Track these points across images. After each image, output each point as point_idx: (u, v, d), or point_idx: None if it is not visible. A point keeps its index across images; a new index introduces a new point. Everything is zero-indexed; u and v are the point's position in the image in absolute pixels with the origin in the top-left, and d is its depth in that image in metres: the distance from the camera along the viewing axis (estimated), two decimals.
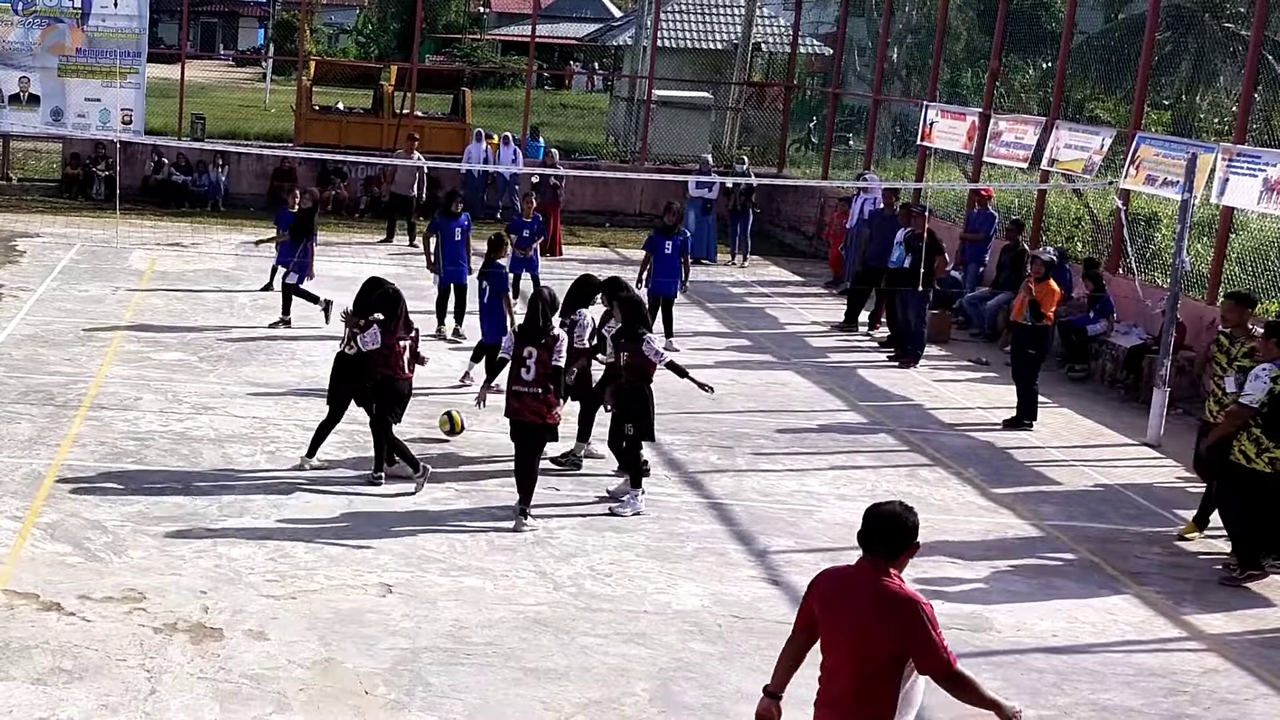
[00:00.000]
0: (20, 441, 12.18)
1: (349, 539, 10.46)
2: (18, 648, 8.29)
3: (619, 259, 24.46)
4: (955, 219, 23.16)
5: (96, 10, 26.84)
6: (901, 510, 5.65)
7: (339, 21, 76.73)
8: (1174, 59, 23.44)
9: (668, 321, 17.56)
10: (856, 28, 32.24)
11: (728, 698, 8.36)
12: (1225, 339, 11.91)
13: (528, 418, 10.86)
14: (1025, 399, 15.22)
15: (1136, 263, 18.26)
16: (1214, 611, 10.34)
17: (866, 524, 5.68)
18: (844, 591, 5.69)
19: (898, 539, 5.63)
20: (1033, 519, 12.17)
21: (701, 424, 14.35)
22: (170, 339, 16.31)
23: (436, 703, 8.03)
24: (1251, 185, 16.08)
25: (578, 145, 34.30)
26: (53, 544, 9.95)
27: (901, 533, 5.63)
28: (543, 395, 10.83)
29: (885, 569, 5.63)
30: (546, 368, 10.81)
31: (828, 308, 21.44)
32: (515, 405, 10.93)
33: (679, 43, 42.06)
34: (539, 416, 10.87)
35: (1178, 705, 8.81)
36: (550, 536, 10.79)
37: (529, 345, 10.85)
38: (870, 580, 5.63)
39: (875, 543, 5.65)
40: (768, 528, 11.37)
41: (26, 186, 27.64)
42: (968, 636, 9.53)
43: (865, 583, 5.63)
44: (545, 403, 10.85)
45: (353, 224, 26.18)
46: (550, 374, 10.84)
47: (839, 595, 5.70)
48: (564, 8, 67.92)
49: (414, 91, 29.36)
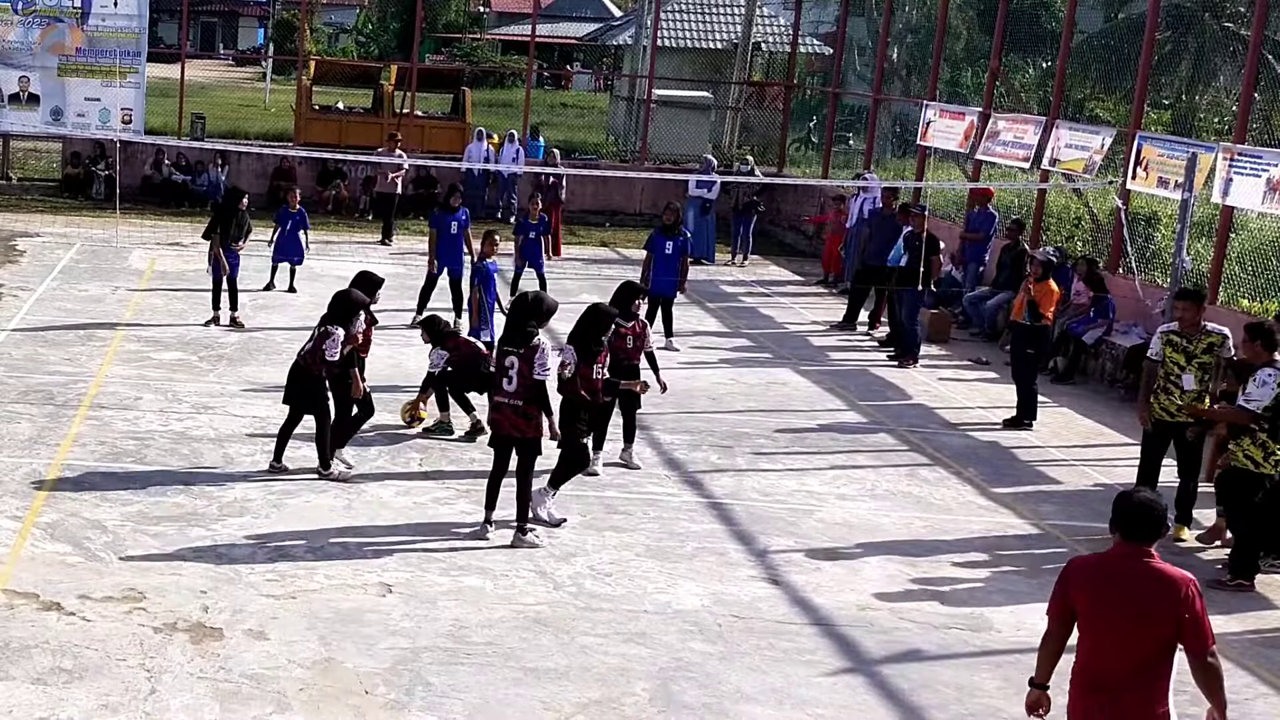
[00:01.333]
0: (20, 441, 12.18)
1: (349, 539, 10.46)
2: (18, 648, 8.29)
3: (619, 259, 24.47)
4: (955, 219, 23.15)
5: (96, 10, 26.84)
6: (1153, 495, 6.11)
7: (339, 21, 76.71)
8: (1174, 59, 23.43)
9: (667, 322, 17.57)
10: (856, 27, 32.21)
11: (728, 698, 8.36)
12: (1178, 337, 11.82)
13: (506, 430, 10.53)
14: (1025, 399, 15.22)
15: (1136, 263, 18.25)
16: (1214, 612, 10.26)
17: (1127, 511, 6.00)
18: (1112, 578, 5.97)
19: (1158, 522, 5.98)
20: (1033, 519, 12.18)
21: (701, 424, 14.35)
22: (170, 339, 16.31)
23: (436, 703, 8.03)
24: (1255, 185, 16.07)
25: (578, 145, 34.29)
26: (53, 544, 9.95)
27: (1160, 515, 5.99)
28: (522, 408, 10.41)
29: (1148, 551, 5.95)
30: (526, 379, 10.37)
31: (828, 307, 21.44)
32: (495, 417, 10.61)
33: (679, 42, 42.07)
34: (517, 430, 10.47)
35: (1178, 705, 8.74)
36: (550, 536, 10.78)
37: (510, 354, 10.48)
38: (1138, 564, 5.93)
39: (1138, 528, 5.96)
40: (768, 527, 11.37)
41: (26, 186, 27.64)
42: (968, 636, 9.54)
43: (1133, 567, 5.94)
44: (524, 415, 10.44)
45: (353, 224, 26.17)
46: (532, 386, 10.40)
47: (1107, 582, 5.97)
48: (564, 7, 67.90)
49: (414, 91, 29.36)
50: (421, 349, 16.63)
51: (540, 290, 12.78)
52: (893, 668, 8.97)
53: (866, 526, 11.64)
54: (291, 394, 11.84)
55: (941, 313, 19.72)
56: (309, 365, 11.69)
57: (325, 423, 11.77)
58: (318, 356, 11.62)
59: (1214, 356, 11.72)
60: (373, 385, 14.77)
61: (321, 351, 11.59)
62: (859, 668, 8.94)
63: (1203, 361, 11.67)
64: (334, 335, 11.59)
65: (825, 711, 8.30)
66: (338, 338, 11.59)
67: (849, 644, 9.27)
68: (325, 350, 11.57)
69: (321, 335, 11.65)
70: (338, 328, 11.64)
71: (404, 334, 17.44)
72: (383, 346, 16.71)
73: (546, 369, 10.45)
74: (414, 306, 18.04)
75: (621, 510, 11.56)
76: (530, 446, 10.56)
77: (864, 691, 8.62)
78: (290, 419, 11.89)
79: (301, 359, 11.78)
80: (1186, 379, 11.63)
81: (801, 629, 9.45)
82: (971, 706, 8.52)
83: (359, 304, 11.96)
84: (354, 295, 12.03)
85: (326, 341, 11.58)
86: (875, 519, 11.84)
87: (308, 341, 11.84)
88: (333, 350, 11.56)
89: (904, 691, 8.65)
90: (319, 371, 11.67)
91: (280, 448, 11.86)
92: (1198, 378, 11.65)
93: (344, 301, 11.84)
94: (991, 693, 8.72)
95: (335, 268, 21.46)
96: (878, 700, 8.52)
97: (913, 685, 8.74)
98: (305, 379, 11.74)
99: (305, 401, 11.76)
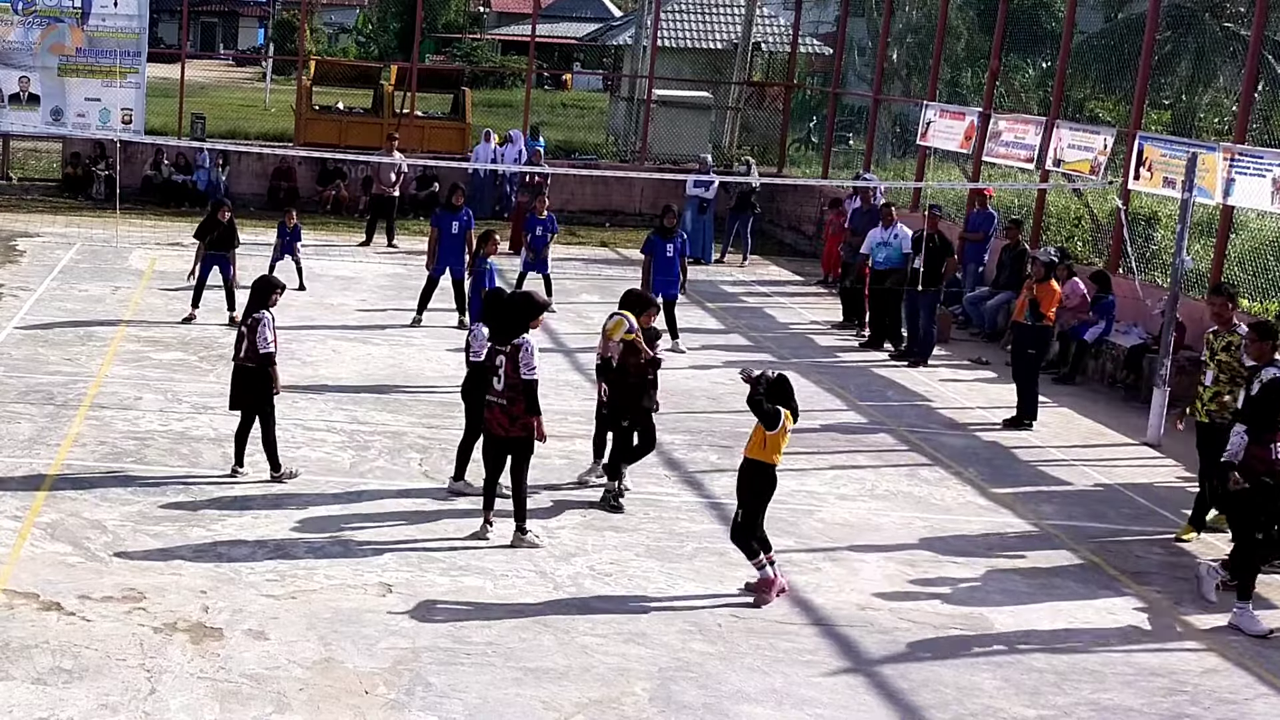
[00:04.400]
0: (20, 441, 12.18)
1: (349, 539, 10.46)
2: (18, 648, 8.29)
3: (619, 258, 24.47)
4: (955, 219, 23.15)
5: (96, 10, 26.82)
6: None
7: (339, 21, 76.76)
8: (1174, 59, 23.43)
9: (671, 323, 17.56)
10: (856, 28, 32.23)
11: (728, 698, 8.36)
12: (1210, 334, 11.90)
13: (495, 430, 10.51)
14: (1025, 399, 15.22)
15: (1136, 263, 18.25)
16: (1214, 611, 10.34)
17: None
18: None
19: None
20: (1033, 519, 12.17)
21: (701, 424, 14.35)
22: (170, 339, 16.31)
23: (436, 703, 8.03)
24: (1261, 186, 16.06)
25: (578, 145, 34.29)
26: (53, 544, 9.95)
27: None
28: (508, 407, 10.40)
29: None
30: (512, 378, 10.37)
31: (827, 307, 21.43)
32: (485, 415, 10.62)
33: (679, 42, 42.07)
34: (503, 429, 10.45)
35: (1178, 705, 8.81)
36: (550, 536, 10.79)
37: (499, 353, 10.51)
38: None
39: None
40: (768, 527, 11.33)
41: (26, 186, 27.62)
42: (968, 636, 9.54)
43: None
44: (510, 415, 10.41)
45: (353, 224, 26.15)
46: (518, 385, 10.37)
47: None
48: (564, 8, 67.91)
49: (414, 91, 29.35)
50: (422, 349, 16.68)
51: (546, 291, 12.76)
52: (893, 668, 8.97)
53: (866, 526, 11.64)
54: (237, 398, 11.66)
55: (942, 313, 19.71)
56: (245, 362, 11.53)
57: (271, 423, 11.62)
58: (254, 350, 11.47)
59: (1233, 357, 11.65)
60: (373, 385, 14.84)
61: (255, 344, 11.46)
62: (859, 668, 8.94)
63: (1221, 360, 11.65)
64: (263, 320, 11.50)
65: (825, 711, 8.30)
66: (267, 321, 11.50)
67: (849, 644, 9.27)
68: (258, 341, 11.45)
69: (252, 325, 11.50)
70: (263, 311, 11.54)
71: (404, 334, 17.46)
72: (382, 346, 16.75)
73: (533, 369, 10.44)
74: (414, 306, 18.05)
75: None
76: (520, 446, 10.51)
77: (864, 691, 8.62)
78: (243, 422, 11.73)
79: (239, 359, 11.63)
80: (1208, 375, 11.65)
81: (801, 629, 9.45)
82: (971, 706, 8.52)
83: (277, 286, 11.91)
84: (272, 279, 12.07)
85: (258, 330, 11.46)
86: (875, 519, 11.84)
87: (239, 341, 11.66)
88: (264, 336, 11.43)
89: (904, 691, 8.65)
90: (256, 365, 11.50)
91: (239, 451, 11.72)
92: (1215, 375, 11.64)
93: (263, 286, 11.78)
94: (991, 693, 8.72)
95: (334, 268, 21.48)
96: (878, 700, 8.53)
97: (913, 685, 8.74)
98: (247, 379, 11.58)
99: (253, 403, 11.59)
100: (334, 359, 15.96)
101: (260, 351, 11.48)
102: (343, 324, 17.82)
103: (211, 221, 17.46)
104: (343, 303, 19.10)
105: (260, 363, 11.52)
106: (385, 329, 17.71)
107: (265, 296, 11.70)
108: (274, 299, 11.79)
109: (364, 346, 16.68)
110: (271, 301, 11.73)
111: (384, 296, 19.67)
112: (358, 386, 14.80)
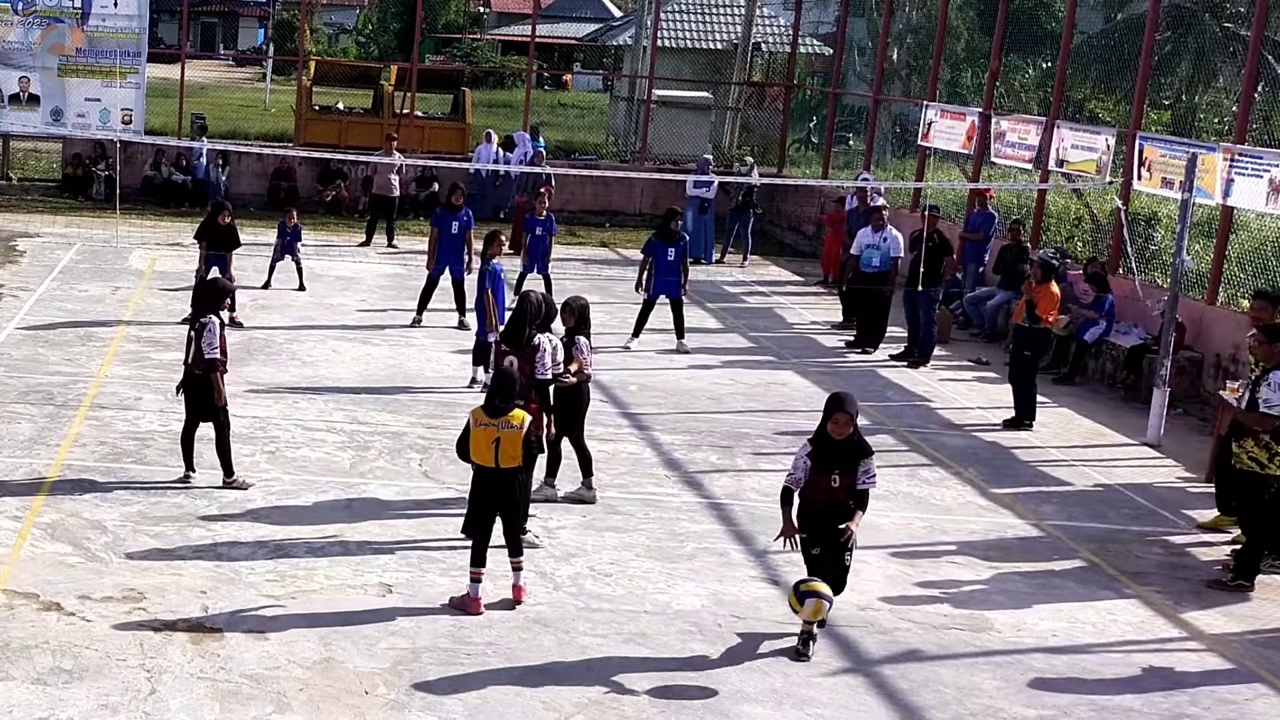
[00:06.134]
0: (20, 441, 12.18)
1: (349, 539, 10.46)
2: (18, 648, 8.29)
3: (619, 259, 24.47)
4: (955, 219, 23.15)
5: (96, 10, 26.82)
6: None
7: (339, 21, 76.74)
8: (1174, 59, 23.42)
9: (678, 323, 17.56)
10: (856, 28, 32.20)
11: (728, 698, 8.36)
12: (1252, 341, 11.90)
13: None
14: (1023, 400, 15.20)
15: (1136, 263, 18.25)
16: (1214, 611, 10.34)
17: None
18: None
19: None
20: (1033, 519, 12.17)
21: (701, 424, 14.35)
22: (170, 339, 16.30)
23: (436, 703, 8.03)
24: (1258, 186, 16.06)
25: (578, 145, 34.28)
26: (53, 544, 9.95)
27: None
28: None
29: None
30: (529, 379, 10.39)
31: (827, 307, 21.42)
32: None
33: (679, 43, 42.05)
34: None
35: (1178, 705, 8.81)
36: (550, 537, 10.78)
37: (511, 353, 10.53)
38: None
39: None
40: (768, 528, 11.32)
41: (26, 186, 27.61)
42: (968, 637, 9.54)
43: None
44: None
45: (353, 224, 26.14)
46: (533, 386, 10.39)
47: None
48: (564, 8, 67.89)
49: (414, 91, 29.34)
50: (422, 349, 16.69)
51: (545, 291, 12.76)
52: (893, 668, 8.97)
53: (867, 526, 11.58)
54: (190, 404, 11.44)
55: (942, 313, 19.71)
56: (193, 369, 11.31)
57: (225, 430, 11.45)
58: (199, 355, 11.23)
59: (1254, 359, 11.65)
60: (373, 386, 14.85)
61: (201, 350, 11.22)
62: (859, 668, 8.95)
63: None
64: (209, 325, 11.25)
65: (825, 711, 8.30)
66: (213, 326, 11.25)
67: (849, 644, 9.27)
68: (204, 346, 11.20)
69: (199, 330, 11.26)
70: (209, 316, 11.31)
71: (404, 334, 17.46)
72: (382, 347, 16.75)
73: (547, 369, 10.44)
74: (414, 307, 18.04)
75: (621, 510, 11.56)
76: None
77: (864, 691, 8.62)
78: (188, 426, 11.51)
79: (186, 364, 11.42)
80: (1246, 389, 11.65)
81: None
82: (971, 706, 8.52)
83: (225, 291, 11.82)
84: (219, 283, 11.98)
85: (204, 335, 11.21)
86: (875, 519, 11.81)
87: (188, 346, 11.44)
88: (210, 340, 11.18)
89: (904, 691, 8.66)
90: (201, 370, 11.25)
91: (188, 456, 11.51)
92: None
93: (211, 290, 11.63)
94: (991, 693, 8.72)
95: (334, 268, 21.49)
96: (878, 700, 8.53)
97: (913, 685, 8.74)
98: (193, 385, 11.35)
99: (200, 409, 11.40)
100: (334, 359, 15.96)
101: (205, 357, 11.21)
102: (343, 324, 17.82)
103: (211, 224, 17.47)
104: (343, 303, 19.10)
105: (205, 369, 11.25)
106: (385, 329, 17.70)
107: (213, 301, 11.47)
108: (224, 303, 11.69)
109: (364, 347, 16.68)
110: (221, 306, 11.58)
111: (384, 297, 19.67)
112: (358, 387, 14.80)
